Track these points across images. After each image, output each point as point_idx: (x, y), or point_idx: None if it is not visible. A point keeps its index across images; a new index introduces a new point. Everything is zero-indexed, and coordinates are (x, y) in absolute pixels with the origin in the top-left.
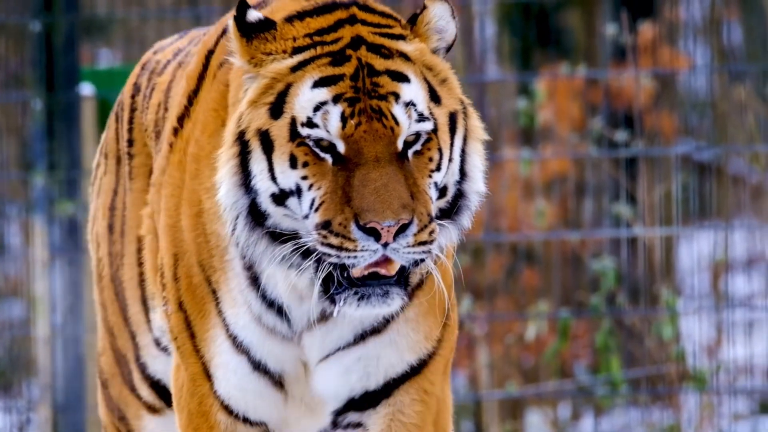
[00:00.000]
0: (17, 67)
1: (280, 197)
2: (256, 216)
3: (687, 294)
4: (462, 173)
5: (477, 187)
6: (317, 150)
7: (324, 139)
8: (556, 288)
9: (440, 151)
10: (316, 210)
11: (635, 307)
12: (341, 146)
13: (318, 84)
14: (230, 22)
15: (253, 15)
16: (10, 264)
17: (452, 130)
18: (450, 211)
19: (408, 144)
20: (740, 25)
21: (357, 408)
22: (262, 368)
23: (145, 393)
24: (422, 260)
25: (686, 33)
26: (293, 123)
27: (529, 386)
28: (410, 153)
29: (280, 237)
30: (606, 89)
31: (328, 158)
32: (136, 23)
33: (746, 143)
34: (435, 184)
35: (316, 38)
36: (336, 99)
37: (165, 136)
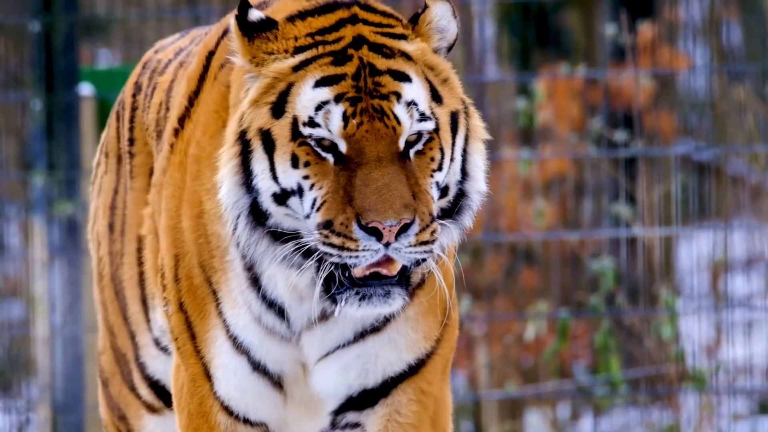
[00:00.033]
0: (16, 67)
1: (282, 197)
2: (258, 215)
3: (686, 294)
4: (463, 173)
5: (478, 187)
6: (319, 149)
7: (326, 139)
8: (556, 288)
9: (442, 151)
10: (318, 210)
11: (634, 307)
12: (343, 146)
13: (320, 83)
14: (232, 22)
15: (255, 14)
16: (10, 264)
17: (454, 130)
18: (451, 211)
19: (409, 144)
20: (739, 26)
21: (355, 407)
22: (262, 369)
23: (145, 393)
24: (424, 260)
25: (686, 33)
26: (295, 122)
27: (529, 386)
28: (412, 153)
29: (281, 237)
30: (605, 89)
31: (330, 158)
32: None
33: (745, 143)
34: (437, 184)
35: (318, 38)
36: (338, 98)
37: (166, 137)
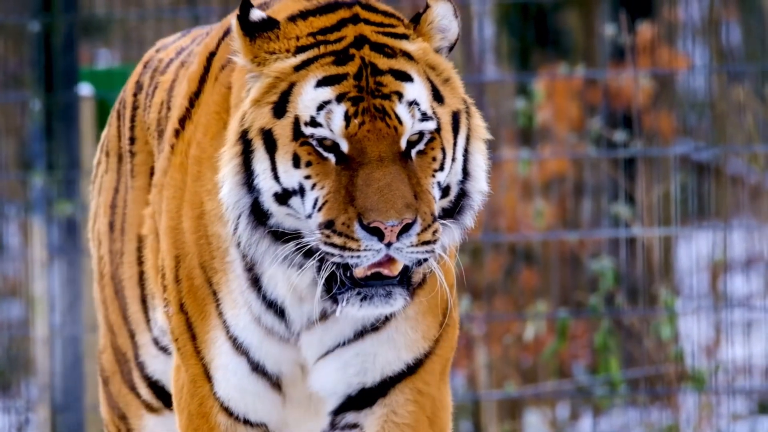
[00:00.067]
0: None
1: (283, 197)
2: (259, 215)
3: (686, 294)
4: (465, 173)
5: (480, 187)
6: (320, 149)
7: (327, 139)
8: (555, 288)
9: (443, 151)
10: (320, 209)
11: (634, 308)
12: (345, 145)
13: (321, 83)
14: (233, 21)
15: (257, 14)
16: (9, 264)
17: (455, 130)
18: (453, 211)
19: (411, 143)
20: (739, 26)
21: (354, 407)
22: (261, 369)
23: (144, 392)
24: (425, 260)
25: (685, 33)
26: (296, 122)
27: (528, 386)
28: (413, 152)
29: (283, 237)
30: (605, 89)
31: (332, 158)
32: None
33: (745, 143)
34: (438, 184)
35: (320, 37)
36: (339, 98)
37: (166, 138)
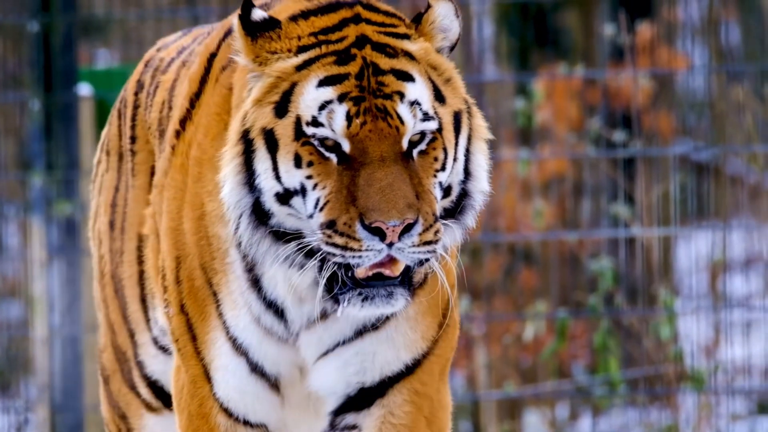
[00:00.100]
0: (15, 68)
1: (285, 196)
2: (260, 215)
3: (685, 294)
4: (466, 173)
5: (481, 187)
6: (322, 149)
7: (329, 138)
8: (554, 288)
9: (445, 151)
10: (321, 209)
11: (633, 308)
12: (346, 145)
13: (323, 83)
14: (235, 21)
15: (258, 14)
16: (8, 264)
17: (457, 130)
18: (454, 211)
19: (413, 143)
20: (738, 26)
21: (354, 408)
22: (260, 370)
23: (144, 391)
24: (427, 260)
25: (684, 33)
26: (298, 122)
27: (527, 386)
28: (415, 152)
29: (284, 236)
30: (604, 89)
31: (333, 157)
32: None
33: (744, 143)
34: (440, 184)
35: (321, 37)
36: (341, 98)
37: (167, 138)
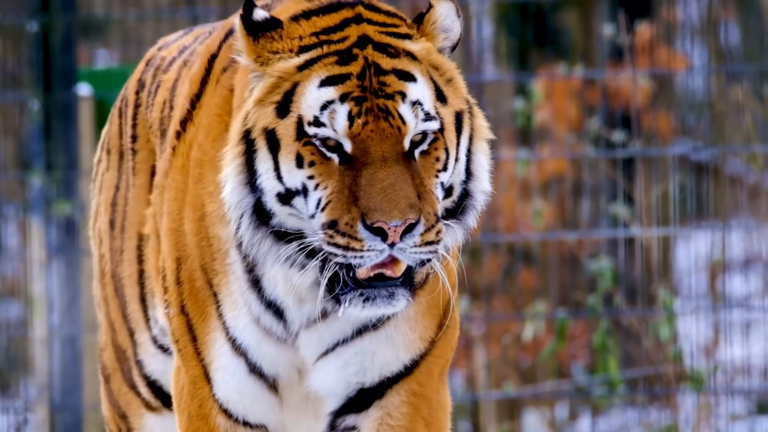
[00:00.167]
0: (14, 68)
1: (286, 196)
2: (261, 215)
3: (684, 294)
4: (468, 173)
5: (483, 187)
6: (324, 149)
7: (331, 138)
8: (554, 288)
9: (447, 151)
10: (323, 209)
11: (632, 308)
12: (348, 145)
13: (325, 83)
14: (237, 21)
15: (260, 14)
16: (8, 264)
17: (458, 130)
18: (456, 211)
19: (415, 144)
20: (737, 26)
21: (353, 409)
22: (258, 371)
23: (144, 391)
24: (429, 260)
25: (683, 33)
26: (300, 122)
27: (527, 386)
28: (417, 153)
29: (285, 236)
30: (603, 89)
31: (335, 158)
32: (134, 24)
33: (743, 143)
34: (441, 184)
35: (323, 37)
36: (343, 98)
37: (168, 139)
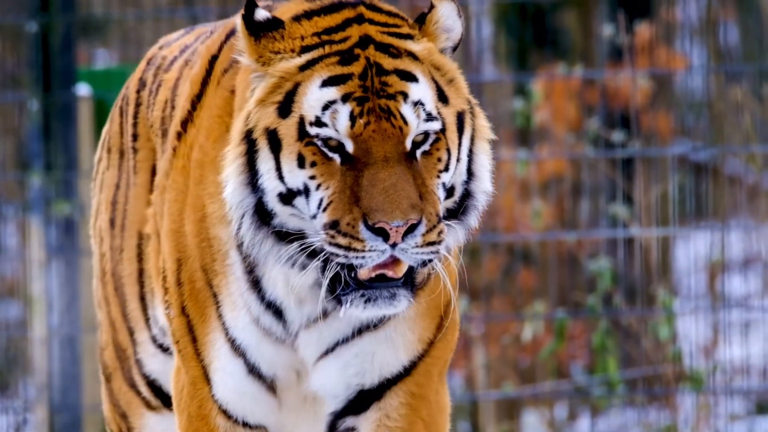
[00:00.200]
0: (14, 68)
1: (288, 197)
2: (263, 215)
3: (683, 294)
4: (469, 173)
5: (484, 187)
6: (325, 149)
7: (332, 139)
8: (553, 288)
9: (448, 152)
10: (324, 210)
11: (632, 308)
12: (350, 146)
13: (327, 83)
14: (238, 21)
15: (262, 14)
16: (7, 264)
17: (460, 130)
18: (457, 211)
19: (416, 144)
20: (737, 26)
21: (353, 411)
22: (256, 372)
23: (144, 390)
24: (430, 260)
25: (683, 33)
26: (301, 122)
27: (526, 387)
28: (418, 153)
29: (287, 237)
30: (603, 90)
31: (337, 158)
32: (133, 24)
33: (743, 144)
34: (443, 185)
35: (324, 37)
36: (345, 98)
37: (169, 139)
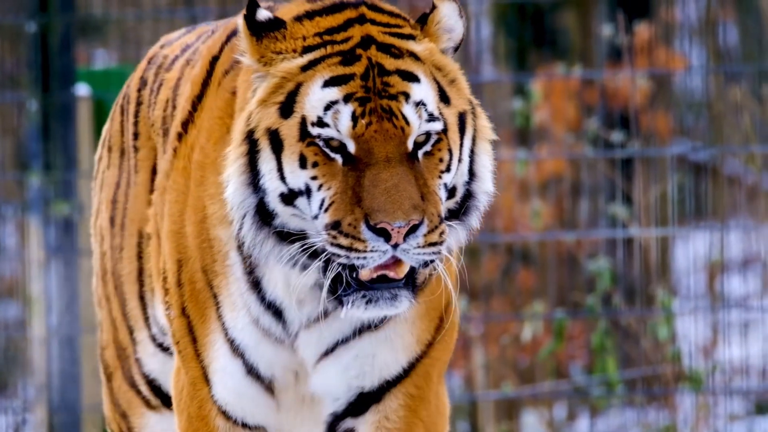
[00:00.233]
0: (13, 68)
1: (289, 197)
2: (264, 215)
3: (683, 294)
4: (471, 173)
5: (486, 187)
6: (327, 150)
7: (334, 139)
8: (552, 288)
9: (450, 152)
10: (326, 210)
11: (631, 308)
12: (352, 146)
13: (328, 83)
14: (240, 21)
15: (263, 14)
16: (6, 264)
17: (461, 131)
18: (458, 212)
19: (418, 144)
20: (736, 26)
21: (353, 413)
22: (255, 372)
23: (144, 389)
24: (432, 261)
25: (682, 33)
26: (303, 122)
27: (525, 387)
28: (420, 153)
29: (288, 237)
30: (602, 90)
31: (338, 158)
32: (132, 24)
33: (742, 144)
34: (445, 185)
35: (326, 37)
36: (347, 98)
37: (170, 140)
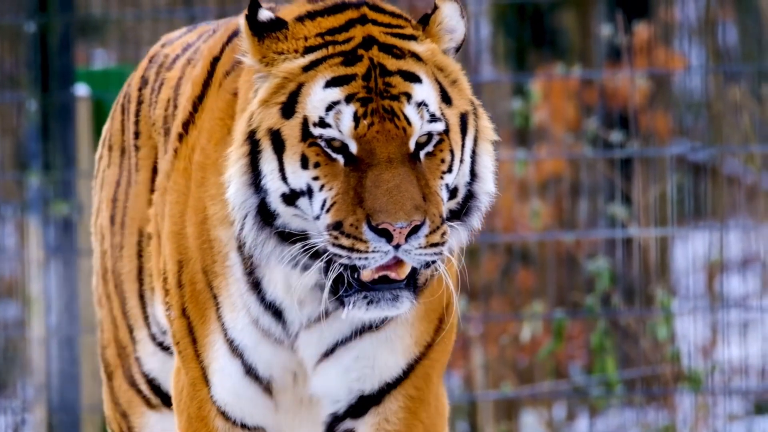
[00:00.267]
0: (12, 68)
1: (291, 197)
2: (265, 216)
3: (682, 294)
4: (472, 174)
5: (487, 188)
6: (329, 150)
7: (336, 139)
8: (551, 288)
9: (452, 153)
10: (328, 211)
11: (630, 308)
12: (353, 146)
13: (330, 84)
14: (242, 21)
15: (265, 14)
16: (5, 264)
17: (463, 131)
18: (460, 212)
19: (420, 145)
20: (735, 26)
21: (353, 415)
22: (253, 373)
23: (144, 389)
24: (434, 262)
25: (681, 33)
26: (305, 123)
27: (524, 387)
28: (422, 154)
29: (289, 237)
30: (601, 90)
31: (340, 159)
32: (131, 24)
33: (741, 144)
34: (446, 186)
35: (328, 38)
36: (348, 99)
37: (170, 141)
